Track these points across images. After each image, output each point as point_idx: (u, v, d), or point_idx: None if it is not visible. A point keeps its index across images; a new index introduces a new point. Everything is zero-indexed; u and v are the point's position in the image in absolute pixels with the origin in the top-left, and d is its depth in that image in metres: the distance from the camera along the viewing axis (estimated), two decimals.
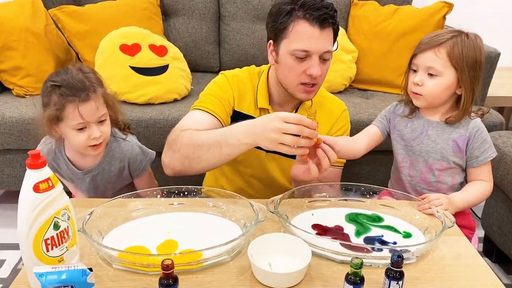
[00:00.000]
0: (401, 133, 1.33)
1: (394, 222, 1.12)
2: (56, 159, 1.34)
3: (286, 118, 1.03)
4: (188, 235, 1.04)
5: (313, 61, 1.20)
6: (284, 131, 1.02)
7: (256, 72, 1.39)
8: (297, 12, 1.19)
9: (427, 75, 1.22)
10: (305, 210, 1.16)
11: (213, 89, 1.35)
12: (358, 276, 0.84)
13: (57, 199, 0.85)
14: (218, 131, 1.16)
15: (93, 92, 1.21)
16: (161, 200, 1.15)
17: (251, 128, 1.09)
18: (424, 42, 1.23)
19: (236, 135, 1.11)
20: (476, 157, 1.26)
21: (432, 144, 1.28)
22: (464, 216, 1.30)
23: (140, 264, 0.91)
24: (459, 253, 1.03)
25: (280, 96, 1.34)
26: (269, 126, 1.04)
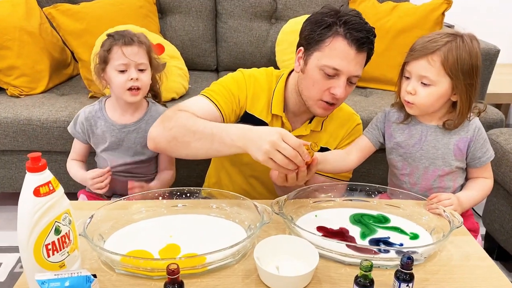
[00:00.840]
0: (399, 140, 1.27)
1: (400, 223, 1.10)
2: (95, 117, 1.45)
3: (286, 138, 0.99)
4: (191, 238, 1.02)
5: (340, 81, 1.17)
6: (279, 149, 0.98)
7: (275, 76, 1.34)
8: (338, 28, 1.14)
9: (420, 84, 1.17)
10: (310, 211, 1.14)
11: (227, 82, 1.30)
12: (368, 279, 0.83)
13: (58, 203, 0.83)
14: (216, 124, 1.13)
15: (137, 40, 1.37)
16: (163, 202, 1.12)
17: (248, 133, 1.05)
18: (417, 48, 1.17)
19: (231, 135, 1.07)
20: (478, 158, 1.23)
21: (432, 150, 1.23)
22: (467, 218, 1.28)
23: (144, 269, 0.89)
24: (467, 254, 1.01)
25: (296, 105, 1.30)
26: (267, 137, 1.00)
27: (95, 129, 1.45)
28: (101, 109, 1.46)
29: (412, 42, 2.35)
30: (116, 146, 1.45)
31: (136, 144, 1.45)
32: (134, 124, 1.44)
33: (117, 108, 1.45)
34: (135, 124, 1.44)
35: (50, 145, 1.89)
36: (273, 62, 2.39)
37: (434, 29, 2.24)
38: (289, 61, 2.28)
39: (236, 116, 1.29)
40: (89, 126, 1.45)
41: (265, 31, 2.42)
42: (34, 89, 2.03)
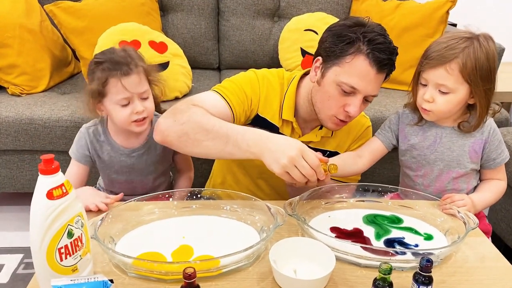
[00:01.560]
0: (413, 142, 1.25)
1: (414, 224, 1.09)
2: (100, 141, 1.32)
3: (305, 155, 0.98)
4: (204, 240, 1.00)
5: (356, 100, 1.14)
6: (297, 166, 0.97)
7: (286, 79, 1.30)
8: (362, 45, 1.10)
9: (437, 91, 1.15)
10: (322, 212, 1.13)
11: (240, 81, 1.25)
12: (387, 282, 0.82)
13: (71, 205, 0.81)
14: (232, 125, 1.09)
15: (134, 67, 1.22)
16: (174, 203, 1.11)
17: (266, 142, 1.02)
18: (433, 56, 1.13)
19: (247, 140, 1.03)
20: (493, 160, 1.22)
21: (447, 152, 1.22)
22: (479, 220, 1.26)
23: (158, 272, 0.87)
24: (483, 255, 1.01)
25: (307, 113, 1.27)
26: (286, 151, 0.98)
27: (101, 153, 1.32)
28: (105, 133, 1.32)
29: (416, 41, 2.35)
30: (127, 170, 1.34)
31: (148, 165, 1.35)
32: (143, 147, 1.32)
33: (120, 133, 1.32)
34: (144, 146, 1.32)
35: (52, 145, 1.86)
36: (275, 61, 2.38)
37: (439, 28, 2.23)
38: (292, 60, 2.27)
39: (246, 117, 1.26)
40: (94, 150, 1.32)
41: (267, 29, 2.40)
42: (35, 88, 2.01)
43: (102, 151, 1.32)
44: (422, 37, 2.23)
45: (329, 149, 1.32)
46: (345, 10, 2.42)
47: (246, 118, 1.26)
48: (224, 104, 1.19)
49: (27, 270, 1.72)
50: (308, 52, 2.24)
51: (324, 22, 2.29)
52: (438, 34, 2.24)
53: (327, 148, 1.32)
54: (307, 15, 2.34)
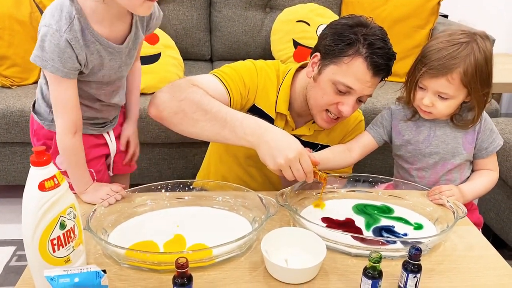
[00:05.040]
0: (407, 138, 1.26)
1: (404, 213, 1.11)
2: (86, 41, 1.01)
3: (302, 160, 1.00)
4: (196, 230, 1.01)
5: (350, 99, 1.16)
6: (292, 167, 1.00)
7: (281, 71, 1.30)
8: (361, 48, 1.11)
9: (437, 97, 1.15)
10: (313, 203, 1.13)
11: (240, 69, 1.23)
12: (377, 270, 0.83)
13: (63, 197, 0.81)
14: (232, 110, 1.07)
15: None
16: (166, 194, 1.11)
17: (265, 134, 1.02)
18: (434, 65, 1.11)
19: (246, 128, 1.03)
20: (485, 149, 1.24)
21: (442, 145, 1.23)
22: (471, 212, 1.28)
23: (151, 262, 0.88)
24: (471, 244, 1.02)
25: (301, 107, 1.28)
26: (285, 152, 0.99)
27: (89, 58, 1.03)
28: (87, 27, 1.00)
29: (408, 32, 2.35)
30: (118, 66, 1.11)
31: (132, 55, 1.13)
32: (132, 34, 1.08)
33: (105, 19, 1.02)
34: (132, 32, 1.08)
35: None
36: (268, 52, 2.38)
37: (430, 19, 2.24)
38: (284, 51, 2.27)
39: (241, 106, 1.25)
40: (84, 57, 1.02)
41: (259, 20, 2.40)
42: (26, 80, 1.99)
43: (91, 54, 1.03)
44: (414, 28, 2.24)
45: (321, 143, 1.33)
46: (337, 2, 2.41)
47: (241, 107, 1.25)
48: (222, 88, 1.18)
49: (20, 263, 1.72)
50: (300, 44, 2.24)
51: (316, 13, 2.29)
52: (429, 25, 2.25)
53: (319, 142, 1.33)
54: (299, 6, 2.33)
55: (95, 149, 1.23)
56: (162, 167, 2.03)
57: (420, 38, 2.25)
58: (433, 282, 0.90)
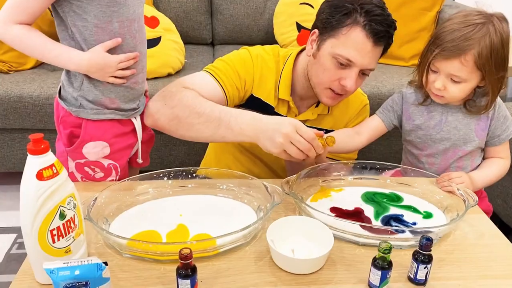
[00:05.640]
0: (418, 123, 1.23)
1: (413, 202, 1.08)
2: None
3: (300, 130, 0.96)
4: (200, 219, 0.98)
5: (352, 72, 1.11)
6: (293, 142, 0.96)
7: (282, 56, 1.26)
8: (359, 17, 1.07)
9: (449, 80, 1.11)
10: (320, 191, 1.11)
11: (234, 61, 1.20)
12: (386, 261, 0.81)
13: (62, 186, 0.78)
14: (224, 108, 1.07)
15: None
16: (168, 182, 1.08)
17: (259, 124, 1.00)
18: (447, 47, 1.07)
19: (241, 123, 1.02)
20: (498, 136, 1.20)
21: (453, 131, 1.19)
22: (481, 200, 1.26)
23: (153, 253, 0.86)
24: (482, 232, 1.00)
25: (303, 89, 1.24)
26: (280, 129, 0.96)
27: None
28: None
29: (414, 14, 2.30)
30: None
31: None
32: None
33: None
34: None
35: (43, 123, 1.83)
36: (270, 36, 2.33)
37: (437, 2, 2.19)
38: (287, 34, 2.22)
39: (240, 99, 1.22)
40: None
41: (262, 2, 2.34)
42: (24, 65, 1.95)
43: None
44: (420, 10, 2.19)
45: (325, 128, 1.30)
46: None
47: (240, 100, 1.23)
48: (216, 85, 1.16)
49: (21, 250, 1.70)
50: (303, 27, 2.19)
51: None
52: (436, 7, 2.19)
53: (324, 126, 1.30)
54: None
55: (122, 138, 1.18)
56: (164, 154, 2.00)
57: (427, 21, 2.19)
58: (443, 272, 0.87)
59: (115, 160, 1.17)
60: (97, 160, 1.15)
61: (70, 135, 1.14)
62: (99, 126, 1.12)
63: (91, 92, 1.09)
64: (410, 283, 0.84)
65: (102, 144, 1.13)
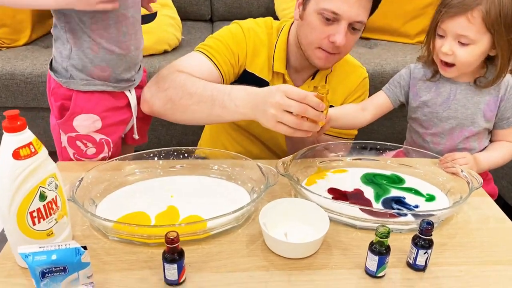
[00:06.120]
0: (425, 99, 1.17)
1: (415, 184, 1.03)
2: None
3: (288, 93, 0.87)
4: (191, 201, 0.95)
5: (340, 27, 1.05)
6: (285, 108, 0.87)
7: (275, 28, 1.21)
8: None
9: (457, 43, 1.05)
10: (317, 172, 1.06)
11: (225, 37, 1.15)
12: (384, 246, 0.76)
13: (41, 166, 0.74)
14: (217, 86, 1.01)
15: None
16: (159, 162, 1.04)
17: (254, 98, 0.93)
18: (453, 3, 1.03)
19: (236, 100, 0.95)
20: (507, 119, 1.14)
21: (461, 109, 1.14)
22: (486, 182, 1.21)
23: (140, 236, 0.82)
24: (486, 216, 0.95)
25: (297, 60, 1.19)
26: (269, 99, 0.88)
27: None
28: None
29: None
30: None
31: None
32: None
33: None
34: None
35: (36, 101, 1.78)
36: (271, 11, 2.25)
37: None
38: (289, 10, 2.15)
39: (235, 75, 1.18)
40: None
41: None
42: (16, 41, 1.90)
43: None
44: None
45: None
46: None
47: (235, 76, 1.18)
48: (210, 64, 1.11)
49: None
50: None
51: None
52: None
53: None
54: None
55: (115, 113, 1.13)
56: (161, 133, 1.96)
57: None
58: (444, 257, 0.83)
59: (108, 135, 1.13)
60: (88, 134, 1.12)
61: (61, 107, 1.11)
62: (89, 98, 1.09)
63: (80, 60, 1.06)
64: (409, 269, 0.80)
65: (93, 117, 1.10)
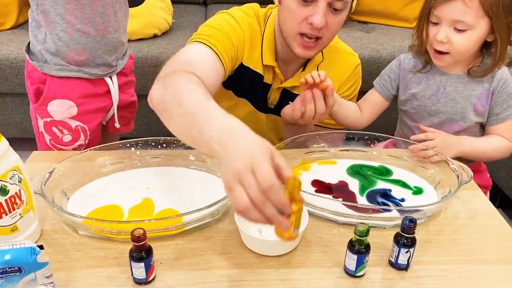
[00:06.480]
0: (414, 91, 1.12)
1: (403, 176, 0.99)
2: None
3: (258, 169, 0.61)
4: (167, 194, 0.91)
5: (318, 7, 0.97)
6: (242, 183, 0.62)
7: (262, 16, 1.13)
8: None
9: (452, 30, 0.99)
10: (301, 163, 1.02)
11: (222, 25, 1.05)
12: (363, 244, 0.72)
13: (2, 159, 0.70)
14: (209, 104, 0.76)
15: None
16: (136, 153, 1.00)
17: (232, 142, 0.67)
18: None
19: (214, 130, 0.70)
20: (496, 115, 1.08)
21: (450, 103, 1.08)
22: (480, 173, 1.16)
23: (109, 231, 0.78)
24: (476, 211, 0.91)
25: (284, 49, 1.10)
26: (236, 160, 0.63)
27: None
28: None
29: None
30: None
31: None
32: None
33: None
34: None
35: (22, 87, 1.74)
36: None
37: None
38: None
39: (231, 69, 1.09)
40: None
41: None
42: (2, 25, 1.86)
43: None
44: None
45: None
46: None
47: (231, 70, 1.09)
48: (214, 57, 1.00)
49: None
50: None
51: None
52: None
53: None
54: None
55: (92, 100, 1.09)
56: (151, 120, 1.91)
57: None
58: (429, 255, 0.79)
59: (84, 122, 1.10)
60: (63, 120, 1.09)
61: (36, 91, 1.09)
62: (64, 83, 1.06)
63: (54, 44, 1.03)
64: (391, 268, 0.76)
65: (68, 103, 1.07)
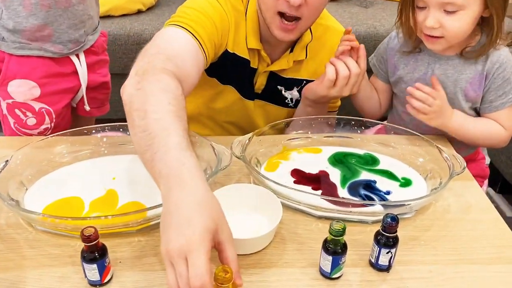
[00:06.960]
0: (401, 74, 1.02)
1: (391, 165, 0.91)
2: None
3: (192, 257, 0.54)
4: (134, 185, 0.85)
5: None
6: (174, 267, 0.55)
7: None
8: None
9: (442, 12, 0.88)
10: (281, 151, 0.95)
11: (205, 8, 0.93)
12: (339, 245, 0.66)
13: None
14: (167, 130, 0.67)
15: None
16: (103, 140, 0.93)
17: (175, 192, 0.60)
18: None
19: (163, 166, 0.63)
20: (490, 102, 0.97)
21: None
22: (477, 162, 1.08)
23: (64, 227, 0.72)
24: (469, 204, 0.83)
25: (266, 31, 1.00)
26: (170, 235, 0.56)
27: None
28: None
29: None
30: None
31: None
32: None
33: None
34: None
35: None
36: None
37: None
38: None
39: (215, 56, 0.99)
40: None
41: None
42: None
43: None
44: None
45: (305, 78, 1.09)
46: None
47: (214, 57, 0.99)
48: (195, 45, 0.89)
49: None
50: None
51: None
52: None
53: (303, 76, 1.08)
54: None
55: (57, 79, 1.02)
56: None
57: None
58: (413, 254, 0.72)
59: (49, 104, 1.04)
60: (25, 101, 1.02)
61: None
62: (23, 62, 0.99)
63: (11, 20, 0.96)
64: (371, 268, 0.70)
65: (29, 84, 1.01)
